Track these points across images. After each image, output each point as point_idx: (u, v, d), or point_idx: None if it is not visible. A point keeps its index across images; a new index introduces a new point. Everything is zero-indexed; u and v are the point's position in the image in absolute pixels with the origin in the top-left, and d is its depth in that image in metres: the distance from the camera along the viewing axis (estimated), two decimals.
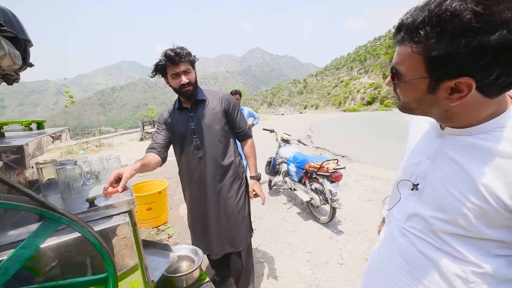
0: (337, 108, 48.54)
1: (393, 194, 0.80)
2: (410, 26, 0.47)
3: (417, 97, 0.54)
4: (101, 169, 1.21)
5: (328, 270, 2.22)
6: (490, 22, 0.40)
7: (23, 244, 0.59)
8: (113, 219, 0.84)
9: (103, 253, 0.70)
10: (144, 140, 8.84)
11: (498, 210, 0.50)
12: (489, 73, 0.43)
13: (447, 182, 0.58)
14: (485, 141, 0.52)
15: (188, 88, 1.42)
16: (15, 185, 0.55)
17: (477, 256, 0.56)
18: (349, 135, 10.58)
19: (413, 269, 0.67)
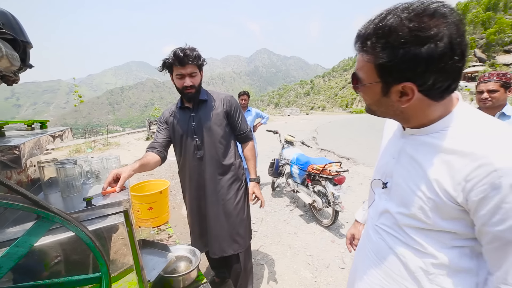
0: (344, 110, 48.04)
1: (370, 195, 0.86)
2: (361, 38, 0.55)
3: (375, 100, 0.61)
4: (101, 169, 1.23)
5: (329, 274, 2.19)
6: (420, 37, 0.48)
7: (17, 242, 0.61)
8: (108, 218, 0.85)
9: (96, 252, 0.71)
10: (150, 140, 8.98)
11: (447, 202, 0.55)
12: (426, 79, 0.51)
13: (408, 179, 0.63)
14: (435, 139, 0.58)
15: (190, 91, 1.42)
16: (9, 184, 0.57)
17: (435, 248, 0.60)
18: (355, 137, 10.45)
19: (384, 265, 0.72)
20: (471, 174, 0.50)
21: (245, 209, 1.65)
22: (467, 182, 0.51)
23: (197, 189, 1.57)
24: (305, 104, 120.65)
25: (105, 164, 1.22)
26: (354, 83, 0.63)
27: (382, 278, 0.72)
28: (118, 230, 0.83)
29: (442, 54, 0.47)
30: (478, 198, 0.50)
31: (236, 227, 1.59)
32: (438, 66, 0.49)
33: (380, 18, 0.51)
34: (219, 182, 1.56)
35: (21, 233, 0.75)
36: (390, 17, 0.50)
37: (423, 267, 0.62)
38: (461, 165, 0.52)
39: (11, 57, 0.62)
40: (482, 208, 0.50)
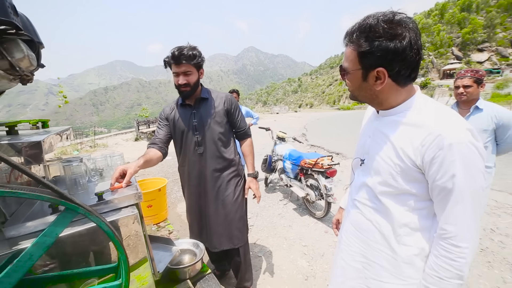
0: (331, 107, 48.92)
1: (351, 176, 1.00)
2: (349, 32, 0.72)
3: (357, 85, 0.76)
4: (105, 166, 1.26)
5: (324, 262, 2.31)
6: (390, 34, 0.65)
7: (45, 232, 0.65)
8: (122, 211, 0.90)
9: (116, 241, 0.76)
10: (139, 140, 8.80)
11: (409, 166, 0.70)
12: (393, 66, 0.68)
13: (381, 151, 0.78)
14: (400, 117, 0.75)
15: (185, 89, 1.46)
16: (39, 178, 0.61)
17: (402, 211, 0.76)
18: (343, 132, 10.73)
19: (361, 234, 0.87)
20: (425, 139, 0.67)
21: (243, 205, 1.70)
22: (422, 146, 0.67)
23: (197, 185, 1.61)
24: (293, 102, 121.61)
25: (109, 161, 1.25)
26: (342, 72, 0.79)
27: (360, 246, 0.87)
28: (132, 222, 0.88)
29: (404, 48, 0.65)
30: (430, 158, 0.66)
31: (235, 222, 1.64)
32: (401, 56, 0.66)
33: (363, 19, 0.69)
34: (218, 178, 1.60)
35: (41, 227, 0.79)
36: (370, 19, 0.68)
37: (392, 230, 0.78)
38: (418, 134, 0.69)
39: (31, 57, 0.65)
40: (432, 166, 0.66)
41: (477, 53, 61.22)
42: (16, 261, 0.61)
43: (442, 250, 0.69)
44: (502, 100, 18.29)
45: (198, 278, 1.38)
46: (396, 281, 0.79)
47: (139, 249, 0.92)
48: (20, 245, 0.71)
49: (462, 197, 0.65)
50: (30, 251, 0.63)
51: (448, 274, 0.68)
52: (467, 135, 0.64)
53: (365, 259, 0.86)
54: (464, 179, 0.64)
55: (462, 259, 0.66)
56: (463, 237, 0.66)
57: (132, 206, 0.93)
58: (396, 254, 0.78)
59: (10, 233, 0.72)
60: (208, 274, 1.42)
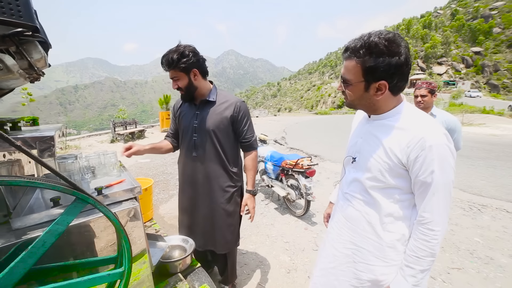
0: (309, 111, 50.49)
1: (341, 172, 1.12)
2: (354, 48, 0.79)
3: (359, 95, 0.85)
4: (97, 164, 1.28)
5: (305, 256, 2.46)
6: (392, 51, 0.75)
7: (57, 220, 0.70)
8: (123, 204, 0.95)
9: (121, 230, 0.82)
10: (115, 142, 8.43)
11: (396, 164, 0.82)
12: (393, 79, 0.78)
13: (371, 151, 0.89)
14: (390, 122, 0.86)
15: (181, 92, 1.47)
16: (57, 171, 0.66)
17: (387, 203, 0.88)
18: (321, 136, 11.18)
19: (351, 224, 0.98)
20: (410, 141, 0.78)
21: (234, 216, 1.63)
22: (408, 147, 0.79)
23: (190, 186, 1.59)
24: (273, 106, 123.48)
25: (102, 159, 1.28)
26: (344, 83, 0.86)
27: (350, 234, 0.99)
28: (133, 214, 0.94)
29: (402, 63, 0.76)
30: (414, 157, 0.78)
31: (223, 231, 1.59)
32: (400, 70, 0.77)
33: (367, 37, 0.77)
34: (211, 184, 1.53)
35: (45, 218, 0.83)
36: (373, 37, 0.76)
37: (379, 219, 0.90)
38: (404, 136, 0.80)
39: (46, 58, 0.70)
40: (416, 164, 0.78)
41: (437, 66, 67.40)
42: (30, 248, 0.65)
43: (420, 233, 0.82)
44: (457, 109, 20.35)
45: (188, 272, 1.44)
46: (380, 263, 0.91)
47: (138, 240, 0.98)
48: (28, 235, 0.75)
49: (437, 189, 0.77)
50: (43, 238, 0.67)
51: (424, 253, 0.81)
52: (443, 138, 0.76)
53: (354, 246, 0.96)
54: (440, 174, 0.76)
55: (434, 240, 0.79)
56: (437, 222, 0.79)
57: (132, 199, 0.98)
58: (381, 239, 0.89)
59: (16, 224, 0.75)
60: (197, 268, 1.48)
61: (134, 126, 10.11)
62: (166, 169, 5.60)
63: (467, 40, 71.16)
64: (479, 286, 2.05)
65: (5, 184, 0.59)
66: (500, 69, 53.79)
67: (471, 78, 57.71)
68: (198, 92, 1.48)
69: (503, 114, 15.57)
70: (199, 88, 1.46)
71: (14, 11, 0.57)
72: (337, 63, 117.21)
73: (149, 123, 16.56)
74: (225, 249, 1.64)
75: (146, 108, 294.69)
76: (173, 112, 1.65)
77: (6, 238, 0.74)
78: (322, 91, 79.94)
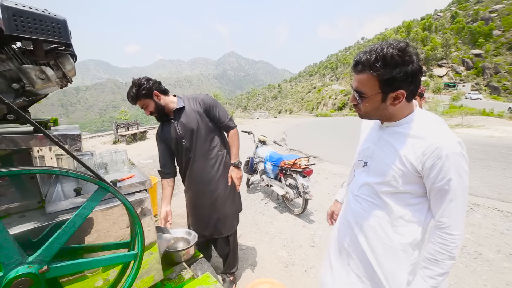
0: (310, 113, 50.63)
1: (350, 174, 1.18)
2: (368, 62, 0.80)
3: (375, 106, 0.86)
4: (110, 161, 1.41)
5: (302, 252, 2.57)
6: (406, 60, 0.77)
7: (84, 205, 0.82)
8: (136, 195, 1.08)
9: (135, 216, 0.94)
10: (117, 143, 8.59)
11: (410, 171, 0.85)
12: (410, 87, 0.80)
13: (385, 157, 0.92)
14: (404, 129, 0.88)
15: (154, 115, 1.67)
16: (86, 164, 0.79)
17: (399, 206, 0.91)
18: (320, 138, 11.31)
19: (361, 226, 1.00)
20: (426, 150, 0.80)
21: (234, 197, 1.90)
22: (423, 155, 0.81)
23: (192, 183, 1.80)
24: (273, 108, 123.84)
25: (114, 157, 1.40)
26: (359, 96, 0.86)
27: (359, 236, 1.00)
28: (145, 204, 1.07)
29: (417, 70, 0.78)
30: (430, 165, 0.80)
31: (226, 214, 1.84)
32: (415, 78, 0.79)
33: (380, 49, 0.78)
34: (209, 174, 1.77)
35: (71, 205, 0.95)
36: (386, 49, 0.77)
37: (390, 222, 0.93)
38: (420, 145, 0.82)
39: (75, 68, 0.83)
40: (432, 172, 0.81)
41: (437, 68, 67.69)
42: (64, 227, 0.78)
43: (438, 238, 0.84)
44: (457, 111, 20.45)
45: (192, 262, 1.56)
46: (391, 264, 0.93)
47: (147, 228, 1.11)
48: (59, 218, 0.87)
49: (455, 196, 0.80)
50: (73, 219, 0.80)
51: (443, 256, 0.83)
52: (458, 147, 0.78)
53: (365, 248, 0.98)
54: (457, 181, 0.79)
55: (453, 244, 0.82)
56: (455, 226, 0.82)
57: (143, 191, 1.11)
58: (392, 242, 0.92)
59: (50, 209, 0.88)
60: (200, 258, 1.60)
61: (136, 128, 10.28)
62: None
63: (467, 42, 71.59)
64: (466, 278, 2.16)
65: (52, 173, 0.71)
66: (501, 71, 54.04)
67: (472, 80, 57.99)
68: (167, 108, 1.67)
69: (503, 116, 15.69)
70: (166, 104, 1.66)
71: (56, 33, 0.71)
72: (338, 65, 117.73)
73: (150, 125, 16.74)
74: (230, 230, 1.88)
75: None
76: (159, 140, 1.78)
77: (42, 220, 0.87)
78: (322, 93, 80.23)
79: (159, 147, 1.81)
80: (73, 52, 0.85)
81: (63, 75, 0.80)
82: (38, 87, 0.76)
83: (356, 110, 0.93)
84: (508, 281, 2.13)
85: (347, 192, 1.20)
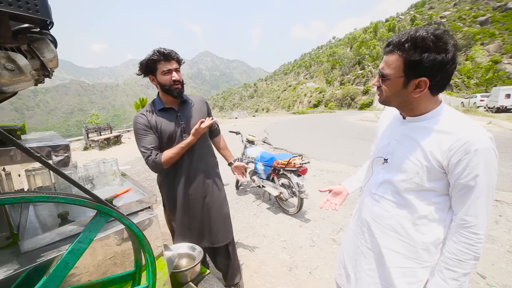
0: (287, 111, 51.47)
1: (367, 173, 1.10)
2: (398, 42, 0.77)
3: (396, 91, 0.82)
4: (96, 173, 1.18)
5: (303, 253, 2.49)
6: (439, 47, 0.72)
7: (79, 238, 0.63)
8: (139, 214, 0.88)
9: (145, 243, 0.76)
10: (89, 150, 7.84)
11: (435, 167, 0.81)
12: (436, 77, 0.75)
13: (408, 153, 0.87)
14: (429, 124, 0.83)
15: (177, 86, 1.47)
16: (79, 184, 0.60)
17: (422, 205, 0.86)
18: (301, 135, 11.45)
19: (379, 225, 0.96)
20: (453, 145, 0.76)
21: (227, 203, 1.80)
22: (450, 150, 0.76)
23: (187, 186, 1.59)
24: (250, 107, 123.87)
25: (102, 168, 1.18)
26: (381, 77, 0.83)
27: (379, 236, 0.96)
28: (151, 224, 0.88)
29: (448, 61, 0.72)
30: (456, 160, 0.76)
31: (223, 220, 1.71)
32: (444, 68, 0.73)
33: (414, 31, 0.75)
34: (206, 178, 1.64)
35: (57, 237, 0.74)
36: (421, 31, 0.73)
37: (412, 221, 0.88)
38: (446, 140, 0.77)
39: (57, 57, 0.62)
40: (457, 167, 0.76)
41: None
42: (52, 271, 0.58)
43: (462, 237, 0.79)
44: None
45: (199, 280, 1.38)
46: (413, 264, 0.89)
47: (157, 251, 0.92)
48: (42, 258, 0.66)
49: (482, 193, 0.76)
50: (65, 259, 0.60)
51: (467, 256, 0.79)
52: (489, 142, 0.74)
53: (384, 248, 0.94)
54: (485, 178, 0.74)
55: (479, 244, 0.78)
56: (481, 226, 0.78)
57: (147, 209, 0.92)
58: (414, 241, 0.88)
59: (26, 246, 0.66)
60: (207, 274, 1.43)
61: (109, 132, 9.53)
62: (149, 175, 5.35)
63: None
64: None
65: (26, 201, 0.51)
66: None
67: None
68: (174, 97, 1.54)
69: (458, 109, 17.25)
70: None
71: (31, 5, 0.51)
72: (311, 64, 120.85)
73: (123, 128, 15.70)
74: (229, 237, 1.75)
75: (119, 112, 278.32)
76: (147, 126, 1.48)
77: (14, 263, 0.65)
78: (298, 91, 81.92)
79: (145, 135, 1.46)
80: (52, 36, 0.64)
81: (41, 66, 0.59)
82: (5, 81, 0.55)
83: (378, 94, 0.89)
84: (493, 261, 2.25)
85: (362, 192, 1.13)
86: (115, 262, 0.89)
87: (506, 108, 15.85)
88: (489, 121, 11.40)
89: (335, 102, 51.34)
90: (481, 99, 19.18)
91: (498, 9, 65.79)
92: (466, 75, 50.32)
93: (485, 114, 14.87)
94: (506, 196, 3.59)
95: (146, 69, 1.45)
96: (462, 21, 70.44)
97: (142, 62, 1.45)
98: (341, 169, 5.41)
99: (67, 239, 0.65)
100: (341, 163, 5.88)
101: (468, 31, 60.35)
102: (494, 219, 3.00)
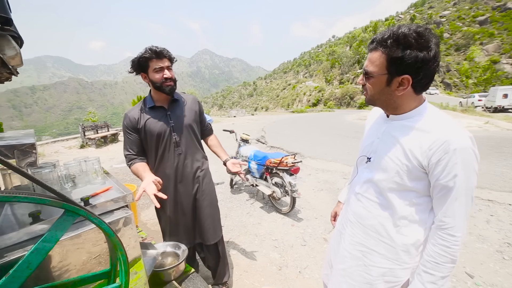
0: (286, 110, 51.39)
1: (353, 172, 1.10)
2: (381, 39, 0.77)
3: (380, 89, 0.82)
4: (78, 172, 1.17)
5: (294, 252, 2.50)
6: (421, 44, 0.72)
7: (44, 237, 0.62)
8: (115, 213, 0.88)
9: (117, 242, 0.76)
10: (85, 148, 7.81)
11: (415, 166, 0.80)
12: (418, 75, 0.75)
13: (389, 152, 0.86)
14: (411, 123, 0.83)
15: (170, 83, 1.46)
16: (42, 182, 0.59)
17: (403, 205, 0.86)
18: (299, 134, 11.44)
19: (362, 225, 0.96)
20: (432, 144, 0.75)
21: (217, 202, 1.80)
22: (430, 150, 0.76)
23: (177, 185, 1.59)
24: (249, 105, 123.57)
25: (84, 167, 1.17)
26: (365, 75, 0.83)
27: (360, 236, 0.96)
28: (127, 223, 0.87)
29: (430, 59, 0.72)
30: (436, 160, 0.75)
31: (213, 217, 1.72)
32: (426, 66, 0.73)
33: (396, 28, 0.75)
34: (196, 176, 1.65)
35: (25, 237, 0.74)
36: (403, 29, 0.74)
37: (393, 222, 0.87)
38: (427, 139, 0.77)
39: (21, 55, 0.61)
40: (437, 167, 0.75)
41: None
42: (12, 271, 0.58)
43: (439, 239, 0.79)
44: None
45: (182, 279, 1.38)
46: (392, 265, 0.89)
47: (131, 250, 0.92)
48: (9, 257, 0.66)
49: (460, 194, 0.75)
50: (28, 259, 0.60)
51: (444, 259, 0.78)
52: (469, 142, 0.73)
53: (365, 248, 0.94)
54: (464, 179, 0.73)
55: (456, 246, 0.77)
56: (459, 227, 0.77)
57: (124, 207, 0.91)
58: (394, 242, 0.87)
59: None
60: (191, 273, 1.43)
61: (106, 130, 9.50)
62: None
63: None
64: None
65: None
66: (451, 70, 59.32)
67: None
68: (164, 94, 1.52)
69: (456, 109, 17.25)
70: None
71: None
72: (311, 63, 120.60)
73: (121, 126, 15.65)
74: (219, 235, 1.75)
75: (117, 110, 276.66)
76: (132, 127, 1.49)
77: None
78: (297, 90, 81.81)
79: (129, 137, 1.50)
80: (17, 33, 0.63)
81: (1, 64, 0.58)
82: None
83: (364, 94, 0.89)
84: (481, 260, 2.26)
85: (348, 191, 1.14)
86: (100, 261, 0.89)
87: (504, 108, 15.91)
88: (486, 121, 11.42)
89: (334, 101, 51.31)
90: (479, 99, 19.21)
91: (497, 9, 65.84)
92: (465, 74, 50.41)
93: (483, 114, 14.90)
94: (498, 196, 3.60)
95: (138, 66, 1.45)
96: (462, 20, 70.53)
97: (134, 60, 1.45)
98: (336, 168, 5.41)
99: (35, 239, 0.64)
100: (337, 162, 5.88)
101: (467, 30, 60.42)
102: (486, 218, 3.01)
